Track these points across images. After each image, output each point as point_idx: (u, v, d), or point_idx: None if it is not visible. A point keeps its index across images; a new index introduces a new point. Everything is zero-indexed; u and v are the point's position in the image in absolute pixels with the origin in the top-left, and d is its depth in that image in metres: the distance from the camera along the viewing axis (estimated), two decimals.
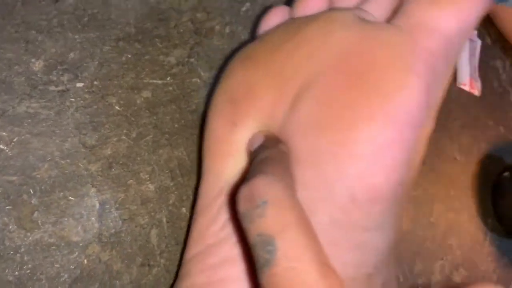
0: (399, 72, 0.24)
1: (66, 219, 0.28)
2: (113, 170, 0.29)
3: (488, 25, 0.51)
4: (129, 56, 0.32)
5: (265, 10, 0.36)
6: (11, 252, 0.26)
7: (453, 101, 0.46)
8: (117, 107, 0.30)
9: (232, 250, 0.26)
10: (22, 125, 0.28)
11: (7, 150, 0.27)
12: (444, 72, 0.26)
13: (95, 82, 0.30)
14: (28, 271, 0.26)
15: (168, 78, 0.33)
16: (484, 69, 0.49)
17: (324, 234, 0.21)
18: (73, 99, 0.29)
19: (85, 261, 0.28)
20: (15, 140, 0.27)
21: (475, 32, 0.49)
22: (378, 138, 0.23)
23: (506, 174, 0.46)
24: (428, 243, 0.41)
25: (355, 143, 0.23)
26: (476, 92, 0.47)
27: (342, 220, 0.23)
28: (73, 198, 0.28)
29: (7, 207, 0.26)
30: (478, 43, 0.48)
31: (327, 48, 0.26)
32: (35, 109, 0.28)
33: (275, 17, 0.30)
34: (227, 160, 0.28)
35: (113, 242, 0.29)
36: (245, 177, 0.23)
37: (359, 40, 0.25)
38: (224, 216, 0.27)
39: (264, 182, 0.21)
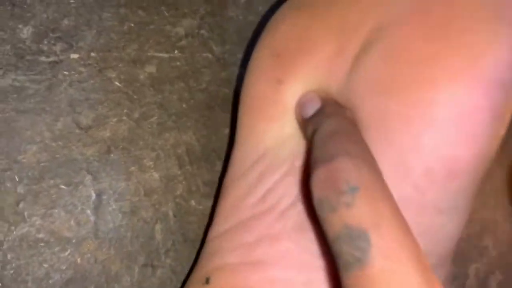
0: (489, 21, 0.20)
1: (56, 211, 0.26)
2: (112, 155, 0.27)
3: None
4: (132, 25, 0.29)
5: None
6: None
7: None
8: (117, 83, 0.28)
9: (273, 226, 0.23)
10: (7, 100, 0.25)
11: None
12: None
13: (92, 54, 0.27)
14: (12, 271, 0.24)
15: (176, 52, 0.29)
16: None
17: None
18: (66, 72, 0.27)
19: (79, 260, 0.26)
20: None
21: None
22: (462, 100, 0.20)
23: None
24: (462, 243, 0.37)
25: (433, 106, 0.20)
26: None
27: (413, 199, 0.20)
28: (65, 187, 0.26)
29: None
30: None
31: None
32: (22, 82, 0.26)
33: None
34: (269, 123, 0.25)
35: (111, 238, 0.26)
36: (309, 153, 0.21)
37: None
38: (263, 186, 0.24)
39: (351, 164, 0.18)
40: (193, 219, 0.28)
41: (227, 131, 0.30)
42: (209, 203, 0.29)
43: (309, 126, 0.22)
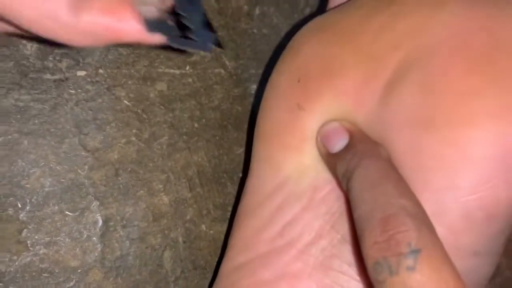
0: None
1: (61, 239, 0.25)
2: (120, 178, 0.26)
3: None
4: None
5: None
6: None
7: None
8: (126, 102, 0.26)
9: (293, 264, 0.22)
10: (9, 121, 0.24)
11: None
12: None
13: (100, 71, 0.26)
14: None
15: (187, 68, 0.28)
16: None
17: None
18: (72, 91, 0.25)
19: None
20: (0, 140, 0.24)
21: None
22: (503, 139, 0.19)
23: None
24: None
25: (471, 145, 0.19)
26: None
27: (447, 240, 0.19)
28: (70, 213, 0.25)
29: None
30: None
31: (437, 21, 0.21)
32: (26, 102, 0.24)
33: None
34: (287, 152, 0.24)
35: (119, 267, 0.25)
36: (349, 201, 0.19)
37: (483, 14, 0.20)
38: (282, 220, 0.23)
39: (411, 223, 0.17)
40: (204, 244, 0.27)
41: (240, 151, 0.29)
42: (221, 228, 0.28)
43: (339, 164, 0.21)
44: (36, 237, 0.24)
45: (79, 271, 0.24)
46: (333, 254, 0.21)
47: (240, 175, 0.29)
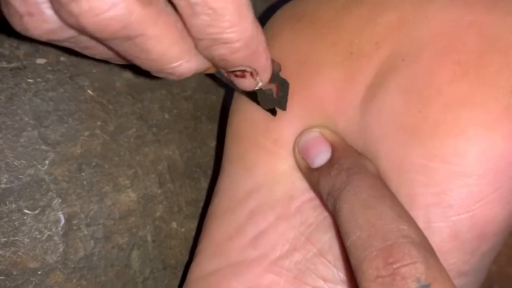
0: None
1: (20, 239, 0.24)
2: (84, 174, 0.25)
3: None
4: None
5: None
6: None
7: None
8: (89, 91, 0.25)
9: (265, 276, 0.21)
10: None
11: None
12: None
13: (62, 58, 0.25)
14: None
15: None
16: None
17: None
18: (31, 80, 0.24)
19: None
20: None
21: None
22: (496, 152, 0.18)
23: None
24: None
25: (461, 158, 0.18)
26: None
27: None
28: (29, 212, 0.24)
29: None
30: None
31: (423, 16, 0.19)
32: None
33: None
34: (259, 155, 0.22)
35: (83, 268, 0.24)
36: (338, 224, 0.18)
37: (473, 7, 0.19)
38: (254, 228, 0.22)
39: (417, 255, 0.16)
40: (174, 243, 0.26)
41: (214, 144, 0.28)
42: (193, 225, 0.27)
43: (322, 181, 0.20)
44: None
45: (39, 273, 0.24)
46: (307, 268, 0.21)
47: (214, 169, 0.28)
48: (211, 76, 0.22)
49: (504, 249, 0.38)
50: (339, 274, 0.20)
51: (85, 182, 0.25)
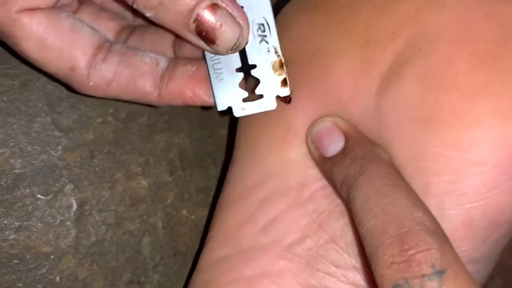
0: None
1: (33, 223, 0.24)
2: (96, 160, 0.25)
3: None
4: None
5: None
6: None
7: None
8: None
9: (277, 262, 0.21)
10: None
11: None
12: None
13: None
14: None
15: None
16: None
17: None
18: None
19: (58, 278, 0.24)
20: None
21: None
22: (511, 141, 0.18)
23: None
24: None
25: (477, 147, 0.18)
26: None
27: None
28: (42, 197, 0.24)
29: None
30: None
31: (440, 5, 0.20)
32: None
33: None
34: (270, 143, 0.22)
35: (94, 253, 0.25)
36: (352, 214, 0.18)
37: None
38: (266, 215, 0.22)
39: (432, 241, 0.16)
40: (185, 230, 0.27)
41: (224, 132, 0.28)
42: (203, 213, 0.27)
43: (336, 170, 0.20)
44: (6, 222, 0.23)
45: (51, 257, 0.24)
46: (319, 254, 0.21)
47: (224, 157, 0.28)
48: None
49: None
50: (351, 260, 0.20)
51: (97, 169, 0.25)
